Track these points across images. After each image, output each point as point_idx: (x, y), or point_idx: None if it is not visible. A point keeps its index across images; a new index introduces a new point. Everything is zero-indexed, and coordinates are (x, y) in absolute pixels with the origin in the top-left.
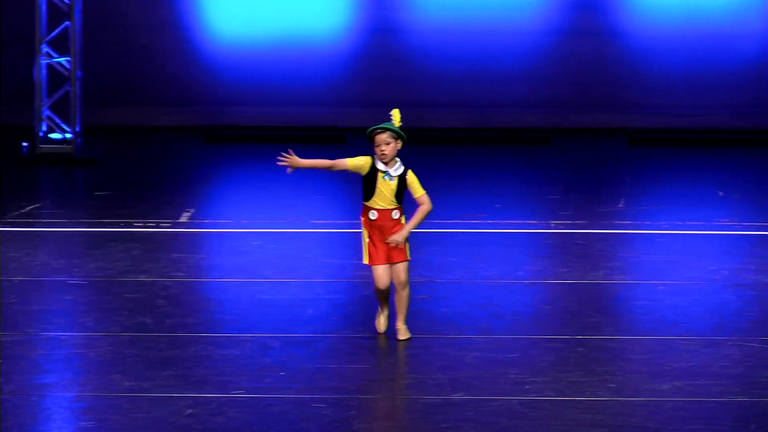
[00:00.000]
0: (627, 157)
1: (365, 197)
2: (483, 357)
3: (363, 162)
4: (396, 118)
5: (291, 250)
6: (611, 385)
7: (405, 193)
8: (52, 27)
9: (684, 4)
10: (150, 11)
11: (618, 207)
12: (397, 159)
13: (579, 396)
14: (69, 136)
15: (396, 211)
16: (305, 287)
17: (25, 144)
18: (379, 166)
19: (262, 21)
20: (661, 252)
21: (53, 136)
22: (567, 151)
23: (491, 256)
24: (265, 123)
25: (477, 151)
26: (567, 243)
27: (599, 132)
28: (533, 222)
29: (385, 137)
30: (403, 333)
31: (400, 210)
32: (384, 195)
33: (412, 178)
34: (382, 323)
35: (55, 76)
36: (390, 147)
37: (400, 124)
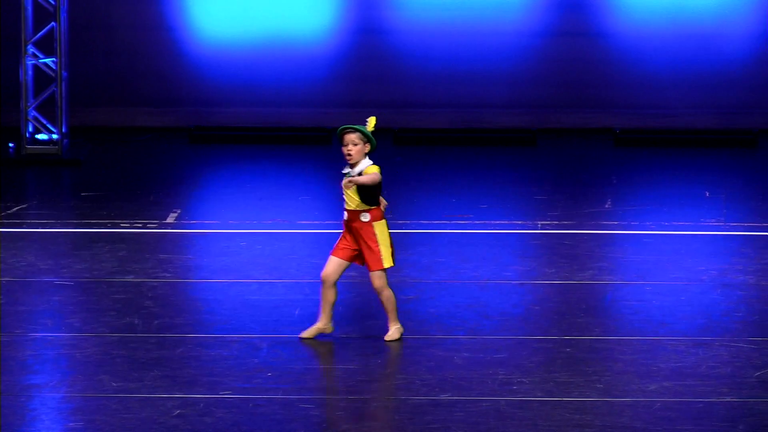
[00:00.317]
0: (613, 158)
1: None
2: (471, 357)
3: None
4: (371, 123)
5: (278, 250)
6: (599, 386)
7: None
8: (37, 28)
9: (669, 4)
10: (136, 12)
11: (605, 207)
12: (365, 161)
13: (567, 396)
14: (55, 136)
15: (365, 214)
16: (292, 288)
17: (11, 145)
18: (345, 169)
19: (248, 21)
20: (649, 252)
21: (39, 136)
22: (553, 152)
23: (478, 256)
24: (252, 123)
25: (463, 152)
26: (554, 243)
27: (585, 132)
28: (520, 222)
29: (354, 138)
30: (390, 334)
31: (371, 213)
32: (349, 195)
33: (369, 169)
34: (309, 330)
35: (41, 76)
36: (357, 149)
37: (372, 129)
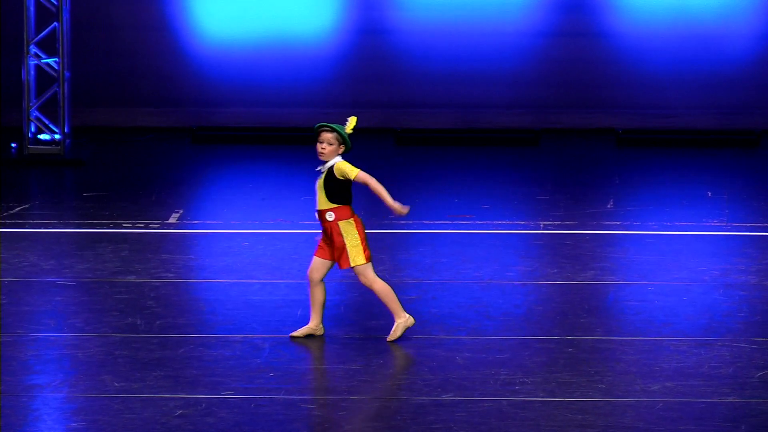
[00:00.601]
0: (615, 158)
1: None
2: (473, 358)
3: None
4: (350, 125)
5: (280, 250)
6: (601, 386)
7: (342, 191)
8: (40, 28)
9: (671, 5)
10: (138, 12)
11: (607, 207)
12: (336, 159)
13: (569, 396)
14: (57, 137)
15: (330, 213)
16: (295, 288)
17: (14, 145)
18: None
19: (249, 22)
20: (651, 252)
21: (42, 137)
22: (555, 152)
23: (480, 257)
24: (254, 124)
25: (465, 152)
26: (556, 244)
27: (587, 132)
28: (522, 222)
29: (330, 137)
30: (393, 332)
31: (336, 212)
32: (318, 194)
33: (340, 164)
34: (300, 330)
35: (44, 77)
36: (331, 148)
37: (350, 131)
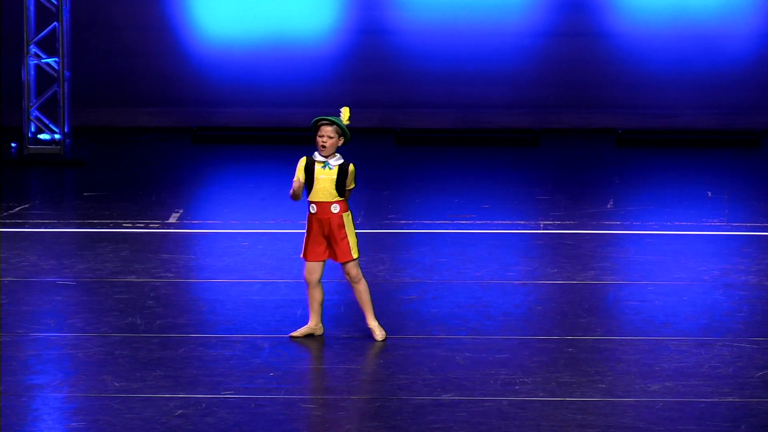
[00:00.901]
0: (616, 158)
1: (307, 192)
2: (473, 357)
3: (301, 165)
4: (344, 115)
5: (280, 250)
6: (601, 386)
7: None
8: (40, 28)
9: (672, 5)
10: (138, 12)
11: (607, 207)
12: (337, 154)
13: (569, 396)
14: (57, 136)
15: (335, 205)
16: (295, 288)
17: (14, 145)
18: (318, 158)
19: (250, 22)
20: (651, 252)
21: (42, 136)
22: (555, 152)
23: (481, 256)
24: (254, 124)
25: (465, 152)
26: (556, 243)
27: (587, 132)
28: (523, 222)
29: (330, 130)
30: (379, 332)
31: (340, 204)
32: (324, 187)
33: (353, 170)
34: (300, 330)
35: (44, 76)
36: (332, 141)
37: (347, 122)
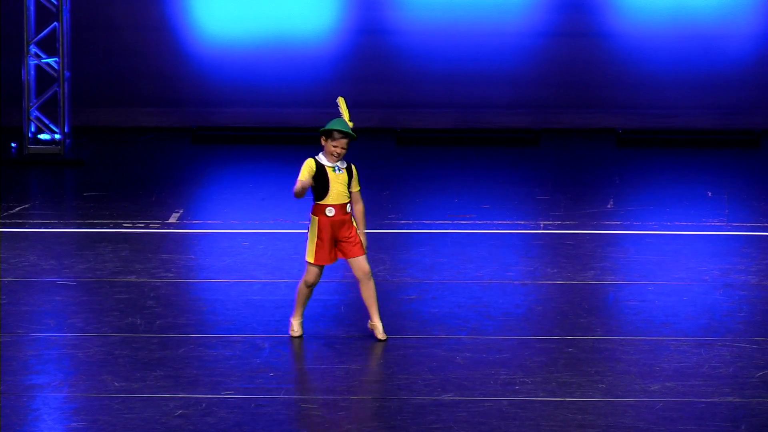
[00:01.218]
0: (616, 158)
1: (318, 197)
2: (473, 357)
3: (310, 167)
4: (342, 106)
5: (280, 250)
6: (601, 386)
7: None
8: (40, 28)
9: (671, 5)
10: (138, 12)
11: (607, 207)
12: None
13: (569, 396)
14: (58, 136)
15: (348, 204)
16: (295, 288)
17: (14, 145)
18: (326, 162)
19: (250, 22)
20: (651, 252)
21: (42, 136)
22: (555, 152)
23: (481, 256)
24: (254, 124)
25: (465, 152)
26: (556, 243)
27: (587, 132)
28: (522, 222)
29: (346, 143)
30: (382, 332)
31: (349, 202)
32: (338, 190)
33: (355, 170)
34: (297, 328)
35: (44, 76)
36: (345, 152)
37: (349, 120)
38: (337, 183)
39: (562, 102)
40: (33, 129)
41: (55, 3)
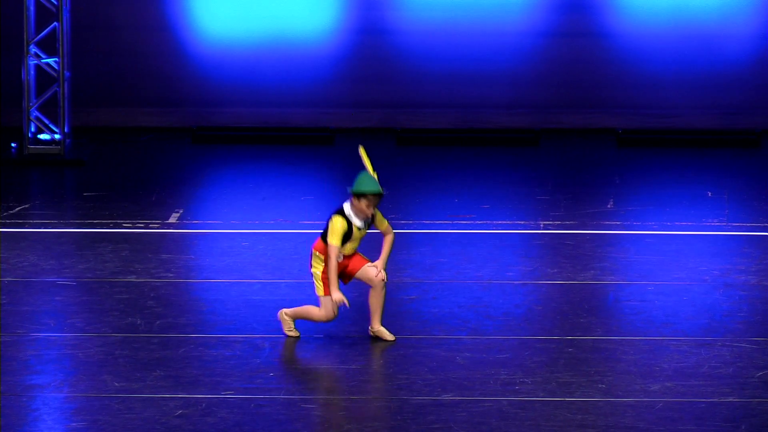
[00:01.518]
0: (616, 158)
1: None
2: (473, 358)
3: (343, 229)
4: (364, 155)
5: (280, 250)
6: (601, 386)
7: None
8: (40, 28)
9: (672, 5)
10: (138, 12)
11: (607, 207)
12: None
13: (569, 396)
14: (58, 136)
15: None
16: (295, 288)
17: (14, 145)
18: (356, 221)
19: (250, 22)
20: (651, 252)
21: (42, 136)
22: (556, 152)
23: (481, 256)
24: (254, 124)
25: (465, 152)
26: (556, 243)
27: (588, 133)
28: (523, 222)
29: (378, 201)
30: (389, 333)
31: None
32: (355, 244)
33: (378, 214)
34: (291, 326)
35: (44, 77)
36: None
37: (373, 171)
38: (358, 238)
39: (562, 102)
40: (33, 129)
41: (55, 3)
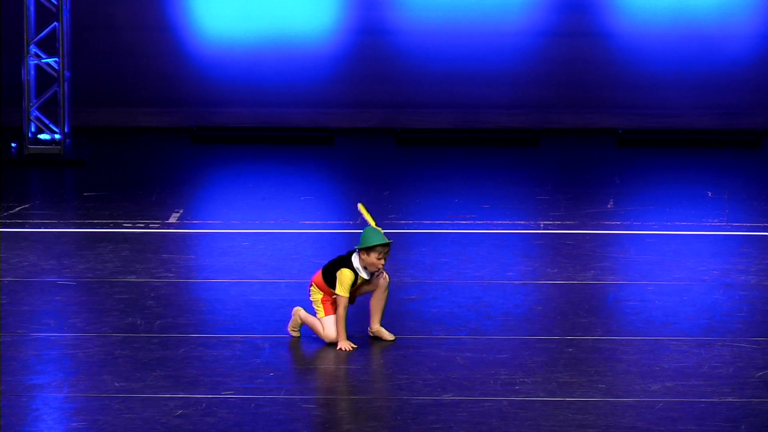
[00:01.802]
0: (616, 158)
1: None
2: (473, 358)
3: (351, 281)
4: (364, 211)
5: (281, 250)
6: (601, 386)
7: None
8: (40, 27)
9: (672, 5)
10: (139, 12)
11: (607, 207)
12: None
13: (569, 396)
14: (58, 136)
15: None
16: (295, 288)
17: (14, 145)
18: (364, 274)
19: (250, 22)
20: (651, 252)
21: (42, 136)
22: (556, 152)
23: (481, 256)
24: (254, 124)
25: (465, 152)
26: (556, 243)
27: (588, 133)
28: (522, 222)
29: (387, 252)
30: (389, 333)
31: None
32: (359, 294)
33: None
34: (296, 327)
35: (44, 76)
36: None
37: (376, 225)
38: (363, 287)
39: (562, 102)
40: (33, 129)
41: (55, 3)
